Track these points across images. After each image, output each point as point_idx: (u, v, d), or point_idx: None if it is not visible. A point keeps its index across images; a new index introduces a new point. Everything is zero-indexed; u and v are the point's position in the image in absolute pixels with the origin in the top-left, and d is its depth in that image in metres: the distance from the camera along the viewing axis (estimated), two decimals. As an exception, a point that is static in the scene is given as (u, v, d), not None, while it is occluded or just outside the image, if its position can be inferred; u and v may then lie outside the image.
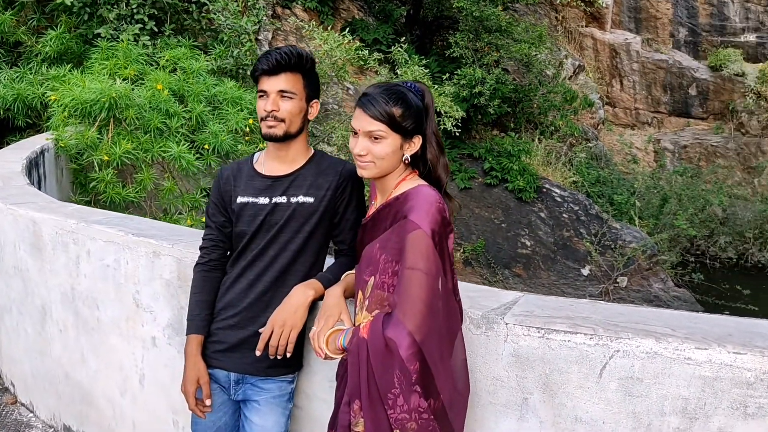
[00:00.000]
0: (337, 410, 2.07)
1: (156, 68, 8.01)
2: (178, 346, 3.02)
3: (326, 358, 2.10)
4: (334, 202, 2.38)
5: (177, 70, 8.13)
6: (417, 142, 2.06)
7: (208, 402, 2.38)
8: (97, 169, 6.57)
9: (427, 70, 8.97)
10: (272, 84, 2.28)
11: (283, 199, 2.36)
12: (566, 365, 2.02)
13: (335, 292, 2.20)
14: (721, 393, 1.85)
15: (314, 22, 8.84)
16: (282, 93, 2.29)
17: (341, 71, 8.54)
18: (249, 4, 9.79)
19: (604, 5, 16.28)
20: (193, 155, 7.17)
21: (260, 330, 2.28)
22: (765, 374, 1.80)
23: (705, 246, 14.90)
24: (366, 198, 2.45)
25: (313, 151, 2.47)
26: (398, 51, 9.06)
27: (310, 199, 2.35)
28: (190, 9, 9.45)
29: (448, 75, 10.95)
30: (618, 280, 12.25)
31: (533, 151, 12.85)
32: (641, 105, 16.86)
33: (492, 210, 12.56)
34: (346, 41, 8.08)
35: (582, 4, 15.98)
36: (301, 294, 2.25)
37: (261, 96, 2.32)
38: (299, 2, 11.82)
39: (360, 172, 2.07)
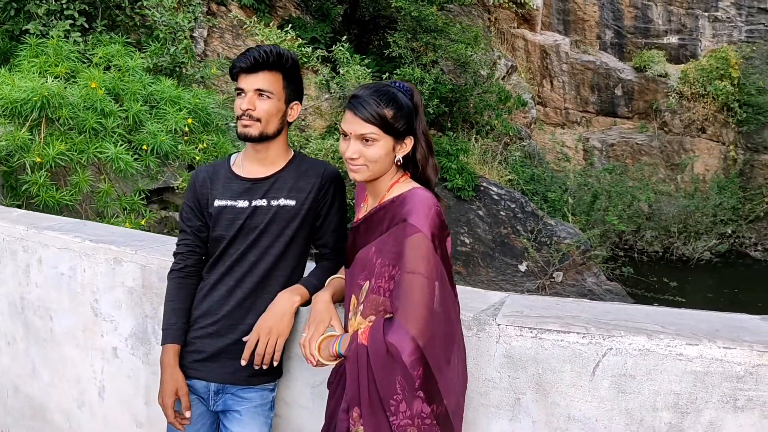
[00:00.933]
0: (332, 418, 2.02)
1: (89, 66, 7.69)
2: (143, 356, 2.90)
3: (317, 365, 2.05)
4: (316, 205, 2.32)
5: (111, 68, 7.84)
6: (409, 144, 2.03)
7: (187, 414, 2.29)
8: (29, 171, 6.26)
9: (369, 70, 8.93)
10: (250, 82, 2.22)
11: (263, 202, 2.29)
12: (559, 364, 2.03)
13: (324, 297, 2.14)
14: (711, 387, 1.90)
15: (256, 19, 8.67)
16: (259, 92, 2.22)
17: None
18: (184, 0, 9.53)
19: (535, 7, 16.64)
20: (131, 156, 6.93)
21: (244, 338, 2.21)
22: (754, 368, 1.86)
23: (633, 240, 15.46)
24: (349, 201, 2.41)
25: (293, 152, 2.40)
26: (339, 50, 8.99)
27: (292, 202, 2.29)
28: (123, 5, 9.12)
29: (387, 75, 10.95)
30: (554, 276, 12.55)
31: (470, 150, 13.02)
32: (571, 105, 17.34)
33: (431, 209, 12.60)
34: (289, 38, 7.95)
35: (513, 5, 16.28)
36: (286, 300, 2.19)
37: (238, 94, 2.24)
38: (234, 0, 11.59)
39: (352, 176, 2.02)
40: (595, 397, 2.01)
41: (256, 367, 2.18)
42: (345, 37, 9.58)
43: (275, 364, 2.19)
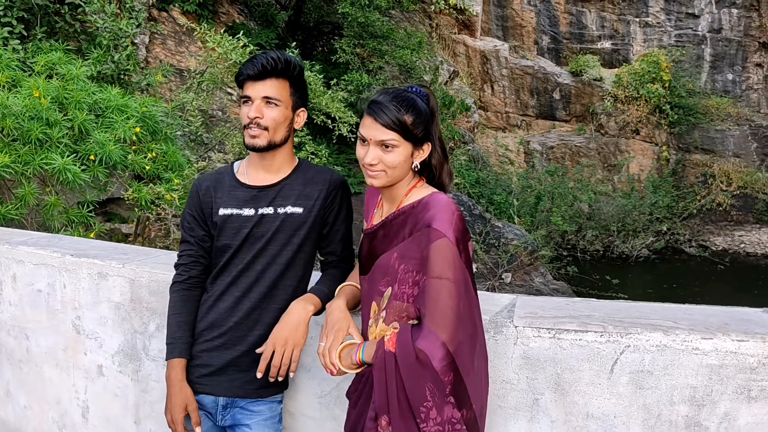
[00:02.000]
0: (356, 428, 1.99)
1: (30, 74, 7.40)
2: (132, 374, 2.80)
3: (338, 374, 2.02)
4: (323, 212, 2.29)
5: (53, 77, 7.56)
6: (426, 150, 2.03)
7: (198, 430, 2.22)
8: (-29, 185, 5.96)
9: (320, 76, 8.89)
10: (257, 90, 2.17)
11: (269, 210, 2.25)
12: (578, 363, 2.06)
13: (339, 305, 2.11)
14: (726, 379, 1.97)
15: (206, 26, 8.51)
16: (267, 99, 2.18)
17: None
18: (128, 5, 9.27)
19: (474, 14, 16.92)
20: (78, 167, 6.70)
21: (258, 350, 2.16)
22: (767, 358, 1.93)
23: (575, 240, 15.88)
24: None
25: (297, 160, 2.36)
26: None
27: (299, 210, 2.25)
28: (62, 11, 8.80)
29: (335, 80, 10.94)
30: (503, 276, 12.77)
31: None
32: (511, 109, 17.69)
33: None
34: (241, 44, 7.84)
35: (454, 12, 16.52)
36: (301, 310, 2.15)
37: (245, 102, 2.19)
38: (177, 5, 11.34)
39: (370, 182, 2.01)
40: (613, 394, 2.05)
41: (272, 380, 2.13)
42: (294, 43, 9.49)
43: (291, 375, 2.15)
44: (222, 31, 10.70)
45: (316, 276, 2.39)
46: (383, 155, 1.96)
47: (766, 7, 17.45)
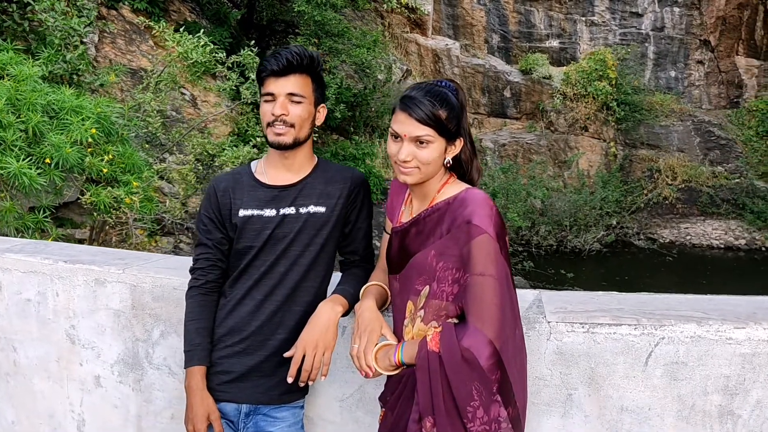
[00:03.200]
0: (395, 431, 1.94)
1: (-21, 75, 7.06)
2: (134, 384, 2.68)
3: (374, 375, 1.97)
4: (346, 211, 2.23)
5: (5, 77, 7.23)
6: (459, 145, 1.99)
7: (222, 441, 2.13)
8: None
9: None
10: (281, 86, 2.10)
11: (291, 210, 2.18)
12: (612, 357, 2.06)
13: (370, 306, 2.06)
14: (759, 368, 1.99)
15: (164, 24, 8.28)
16: (291, 96, 2.11)
17: (195, 75, 8.09)
18: (77, 3, 8.94)
19: (426, 13, 17.00)
20: (34, 171, 6.43)
21: (287, 354, 2.09)
22: (798, 345, 1.97)
23: (529, 236, 16.14)
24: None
25: (317, 158, 2.30)
26: (248, 54, 8.76)
27: (322, 209, 2.19)
28: (10, 9, 8.43)
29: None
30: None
31: (375, 154, 13.10)
32: (463, 107, 17.81)
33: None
34: (202, 43, 7.65)
35: (406, 11, 16.56)
36: (329, 311, 2.08)
37: (267, 99, 2.11)
38: (127, 3, 11.02)
39: (402, 179, 1.96)
40: (647, 386, 2.06)
41: (302, 384, 2.07)
42: (253, 42, 9.34)
43: (323, 379, 2.09)
44: (172, 29, 10.45)
45: (335, 277, 2.33)
46: (417, 151, 1.92)
47: (707, 5, 18.08)
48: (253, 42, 9.10)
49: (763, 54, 18.48)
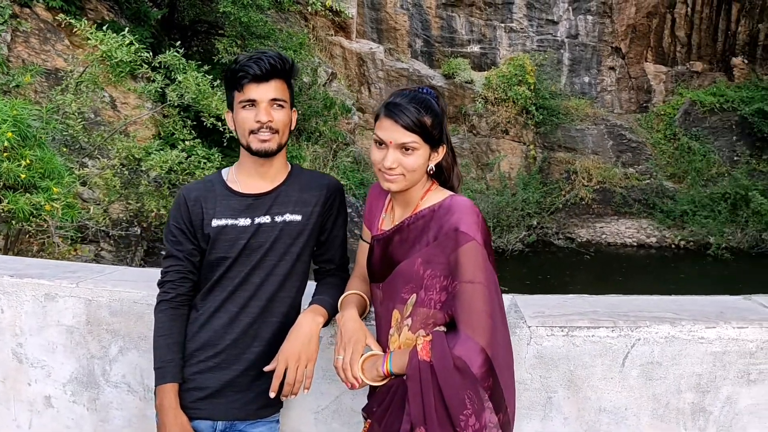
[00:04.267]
0: None
1: None
2: (88, 403, 2.55)
3: (360, 386, 1.93)
4: (322, 219, 2.18)
5: None
6: (441, 152, 1.99)
7: (198, 462, 2.04)
8: None
9: (209, 77, 8.53)
10: (263, 92, 2.03)
11: (266, 219, 2.11)
12: (590, 359, 2.11)
13: (353, 316, 2.02)
14: (728, 365, 2.08)
15: (86, 22, 7.88)
16: (274, 101, 2.05)
17: (119, 76, 7.76)
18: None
19: (350, 16, 17.00)
20: (-56, 180, 6.04)
21: (266, 368, 2.02)
22: (764, 343, 2.07)
23: (454, 237, 16.34)
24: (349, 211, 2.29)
25: (290, 165, 2.24)
26: (174, 55, 8.48)
27: (298, 217, 2.14)
28: None
29: (219, 82, 10.55)
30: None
31: (304, 157, 12.97)
32: (388, 110, 17.93)
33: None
34: (127, 42, 7.34)
35: (330, 14, 16.49)
36: (311, 322, 2.03)
37: (247, 106, 2.04)
38: (41, 1, 10.47)
39: (388, 186, 1.94)
40: (624, 387, 2.11)
41: (284, 398, 2.01)
42: (179, 42, 9.06)
43: (306, 392, 2.03)
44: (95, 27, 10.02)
45: (310, 286, 2.27)
46: (403, 158, 1.90)
47: (618, 14, 18.89)
48: (179, 42, 8.81)
49: (670, 61, 19.48)
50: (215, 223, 2.09)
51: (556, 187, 17.95)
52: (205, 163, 8.32)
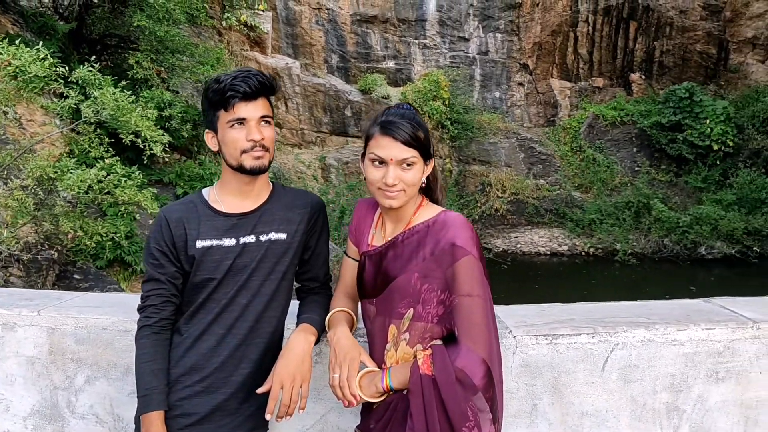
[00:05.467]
0: None
1: None
2: (52, 439, 2.40)
3: (357, 404, 1.93)
4: (306, 237, 2.17)
5: None
6: (430, 165, 2.03)
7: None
8: None
9: (128, 93, 8.25)
10: (252, 110, 2.01)
11: (251, 239, 2.08)
12: (573, 365, 2.18)
13: (346, 333, 2.01)
14: (699, 365, 2.21)
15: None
16: (263, 119, 2.03)
17: (33, 93, 7.38)
18: None
19: (265, 31, 16.86)
20: None
21: (259, 390, 1.98)
22: (731, 342, 2.21)
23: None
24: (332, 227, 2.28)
25: (271, 183, 2.22)
26: (90, 70, 8.16)
27: (283, 235, 2.12)
28: None
29: (134, 98, 10.22)
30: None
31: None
32: (306, 125, 17.88)
33: (188, 237, 12.08)
34: (41, 56, 7.00)
35: (245, 28, 16.32)
36: (303, 341, 2.01)
37: (235, 125, 2.01)
38: (-63, 11, 9.83)
39: (388, 203, 1.95)
40: (605, 390, 2.20)
41: (278, 421, 1.97)
42: (94, 57, 8.72)
43: (300, 412, 2.00)
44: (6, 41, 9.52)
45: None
46: (402, 174, 1.93)
47: (525, 32, 19.63)
48: (93, 57, 8.49)
49: (574, 77, 20.40)
50: (200, 244, 2.04)
51: (472, 200, 18.37)
52: (125, 181, 8.01)
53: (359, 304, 2.15)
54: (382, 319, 2.00)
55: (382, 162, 1.93)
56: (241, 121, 2.01)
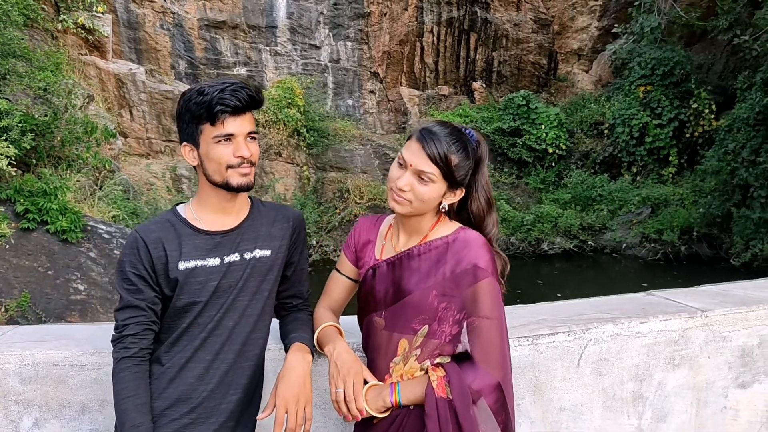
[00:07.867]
0: None
1: None
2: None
3: (362, 418, 1.88)
4: (289, 252, 2.08)
5: None
6: (459, 194, 2.00)
7: None
8: None
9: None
10: (240, 126, 1.91)
11: (236, 257, 1.96)
12: (552, 363, 2.27)
13: (346, 348, 1.96)
14: (658, 354, 2.37)
15: None
16: (249, 134, 1.93)
17: None
18: None
19: (105, 35, 15.81)
20: None
21: (259, 417, 1.87)
22: (684, 331, 2.39)
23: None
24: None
25: (249, 198, 2.10)
26: None
27: (267, 252, 2.01)
28: None
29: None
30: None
31: (69, 188, 11.80)
32: (153, 134, 17.00)
33: (34, 257, 11.07)
34: None
35: (82, 32, 15.21)
36: (302, 362, 1.93)
37: (222, 141, 1.88)
38: None
39: (393, 206, 1.93)
40: (580, 385, 2.30)
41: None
42: None
43: (305, 437, 1.90)
44: None
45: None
46: (416, 184, 1.91)
47: (374, 41, 20.01)
48: None
49: (421, 85, 21.12)
50: (183, 265, 1.89)
51: (331, 206, 18.42)
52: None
53: (355, 317, 2.11)
54: (391, 331, 1.96)
55: (404, 164, 1.91)
56: (229, 137, 1.89)
